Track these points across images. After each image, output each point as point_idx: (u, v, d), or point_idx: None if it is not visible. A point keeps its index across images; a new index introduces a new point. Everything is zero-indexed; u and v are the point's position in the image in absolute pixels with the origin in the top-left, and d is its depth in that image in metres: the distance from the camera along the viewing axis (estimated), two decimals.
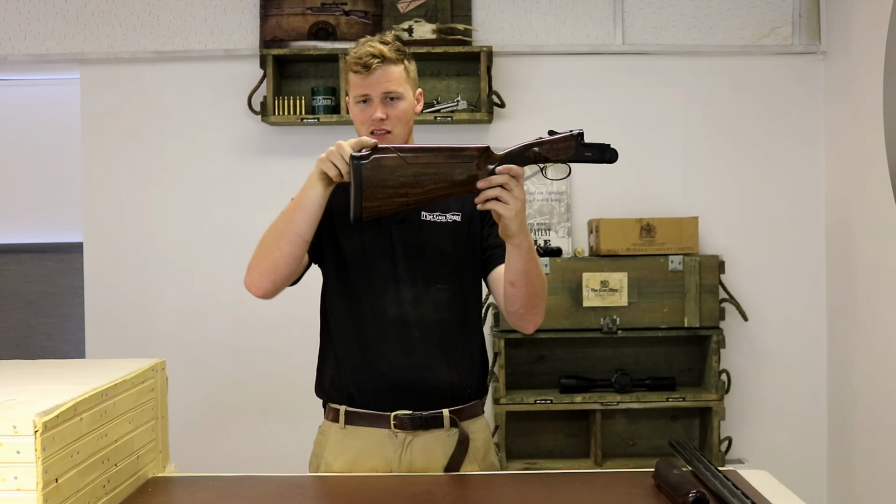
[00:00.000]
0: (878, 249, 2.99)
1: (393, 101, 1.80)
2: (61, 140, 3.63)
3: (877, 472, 3.03)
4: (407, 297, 1.80)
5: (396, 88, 1.80)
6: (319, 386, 1.89)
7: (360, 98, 1.80)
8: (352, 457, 1.80)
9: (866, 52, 3.02)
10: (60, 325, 3.72)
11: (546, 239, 3.38)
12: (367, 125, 1.80)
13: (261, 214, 3.40)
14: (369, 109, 1.80)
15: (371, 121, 1.79)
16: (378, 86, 1.78)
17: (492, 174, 1.58)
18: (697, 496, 1.42)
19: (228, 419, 3.40)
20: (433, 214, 1.82)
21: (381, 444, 1.79)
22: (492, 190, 1.58)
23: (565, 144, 1.61)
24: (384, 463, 1.79)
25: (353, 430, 1.81)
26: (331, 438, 1.84)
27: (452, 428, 1.80)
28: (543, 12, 3.41)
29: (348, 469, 1.80)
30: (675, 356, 3.37)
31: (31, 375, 1.60)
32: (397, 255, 1.81)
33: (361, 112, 1.81)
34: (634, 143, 3.42)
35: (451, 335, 1.82)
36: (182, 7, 3.40)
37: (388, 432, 1.79)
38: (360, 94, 1.80)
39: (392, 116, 1.80)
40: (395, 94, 1.80)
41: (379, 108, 1.78)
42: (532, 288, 1.72)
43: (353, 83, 1.81)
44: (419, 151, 1.59)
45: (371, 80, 1.78)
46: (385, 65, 1.78)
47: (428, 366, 1.79)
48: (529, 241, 1.66)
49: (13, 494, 1.25)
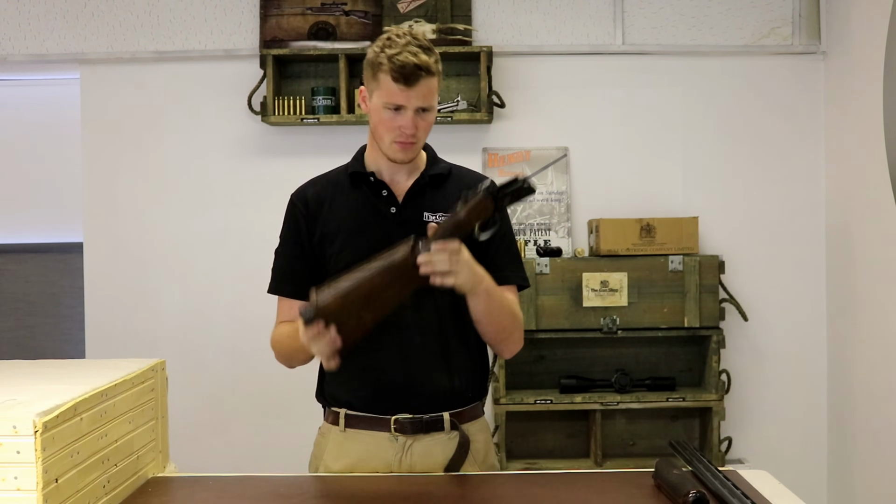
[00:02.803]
0: (878, 249, 2.99)
1: (425, 112, 1.73)
2: (61, 140, 3.63)
3: (877, 472, 3.03)
4: (408, 302, 1.79)
5: (432, 102, 1.73)
6: (319, 391, 1.89)
7: (392, 105, 1.71)
8: (352, 460, 1.80)
9: (866, 52, 3.02)
10: (60, 325, 3.72)
11: (546, 239, 3.38)
12: (394, 133, 1.73)
13: (261, 215, 3.43)
14: (401, 119, 1.71)
15: (401, 132, 1.72)
16: (417, 99, 1.69)
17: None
18: (697, 496, 1.42)
19: (228, 419, 3.40)
20: (435, 215, 1.80)
21: (381, 447, 1.79)
22: (436, 270, 1.56)
23: (482, 204, 1.57)
24: (384, 466, 1.78)
25: (354, 433, 1.81)
26: (331, 441, 1.84)
27: (453, 431, 1.80)
28: (543, 12, 3.41)
29: (349, 471, 1.79)
30: (675, 356, 3.37)
31: (31, 375, 1.60)
32: None
33: (391, 119, 1.71)
34: (634, 143, 3.42)
35: (451, 339, 1.81)
36: (182, 7, 3.40)
37: (389, 436, 1.78)
38: (395, 102, 1.70)
39: (422, 128, 1.73)
40: (429, 106, 1.73)
41: (412, 121, 1.71)
42: (499, 325, 1.75)
43: (386, 89, 1.69)
44: (353, 281, 1.55)
45: (411, 92, 1.68)
46: (427, 77, 1.68)
47: (428, 371, 1.79)
48: (486, 285, 1.67)
49: (13, 494, 1.25)
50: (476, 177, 1.89)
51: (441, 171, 1.84)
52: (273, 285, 1.88)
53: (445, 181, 1.84)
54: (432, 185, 1.82)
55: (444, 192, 1.83)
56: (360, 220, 1.81)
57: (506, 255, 1.84)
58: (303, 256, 1.84)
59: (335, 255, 1.81)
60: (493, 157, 3.41)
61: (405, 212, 1.80)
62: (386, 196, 1.81)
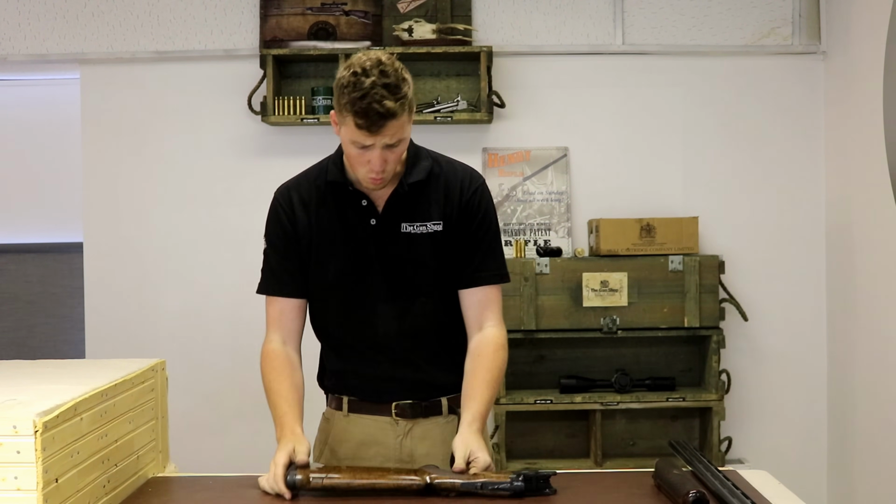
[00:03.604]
0: (878, 249, 2.98)
1: (394, 146, 1.66)
2: (61, 140, 3.63)
3: (877, 472, 3.03)
4: (394, 313, 1.80)
5: (402, 135, 1.66)
6: (321, 379, 1.94)
7: (358, 144, 1.65)
8: (355, 443, 1.86)
9: (866, 52, 3.02)
10: (60, 325, 3.72)
11: (546, 239, 3.38)
12: (364, 168, 1.68)
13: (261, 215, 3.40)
14: (369, 155, 1.65)
15: (370, 168, 1.67)
16: (382, 140, 1.63)
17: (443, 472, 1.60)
18: (697, 496, 1.42)
19: (228, 419, 3.40)
20: (413, 225, 1.78)
21: (382, 431, 1.84)
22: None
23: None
24: (386, 449, 1.84)
25: (356, 417, 1.86)
26: (335, 426, 1.89)
27: (451, 415, 1.85)
28: (543, 12, 3.41)
29: (352, 454, 1.85)
30: (675, 356, 3.37)
31: (31, 375, 1.60)
32: (381, 271, 1.78)
33: (360, 155, 1.66)
34: (634, 143, 3.42)
35: (443, 340, 1.85)
36: (182, 7, 3.40)
37: (390, 420, 1.84)
38: (361, 143, 1.64)
39: (391, 161, 1.68)
40: (397, 142, 1.66)
41: (379, 158, 1.65)
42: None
43: (352, 130, 1.63)
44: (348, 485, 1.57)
45: (377, 136, 1.62)
46: (392, 121, 1.61)
47: (424, 371, 1.84)
48: (483, 419, 1.74)
49: (13, 494, 1.25)
50: (457, 174, 1.83)
51: (420, 177, 1.78)
52: (261, 285, 1.87)
53: (426, 187, 1.80)
54: (412, 193, 1.78)
55: (423, 198, 1.79)
56: (343, 234, 1.79)
57: (487, 254, 1.82)
58: (289, 255, 1.82)
59: (319, 269, 1.81)
60: (493, 157, 3.41)
61: (384, 224, 1.78)
62: (366, 206, 1.78)
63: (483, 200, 1.82)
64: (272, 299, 1.85)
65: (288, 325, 1.84)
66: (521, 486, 1.54)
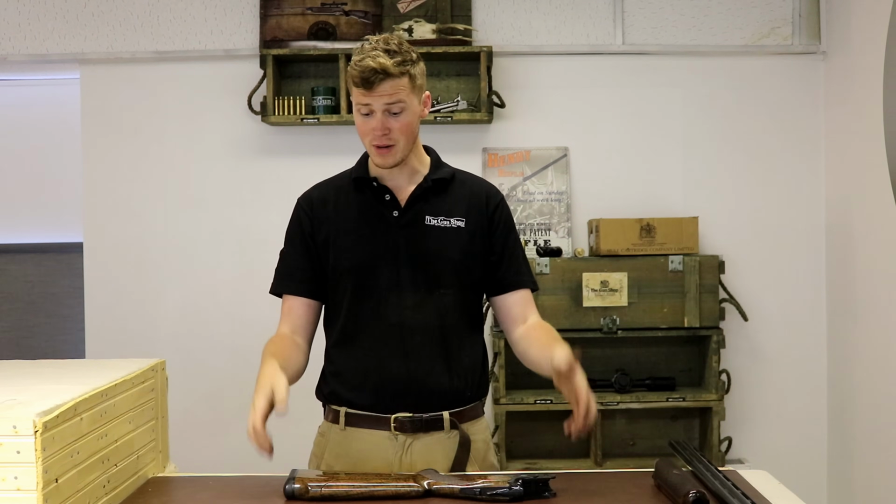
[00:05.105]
0: (878, 249, 2.99)
1: (396, 114, 1.73)
2: (61, 140, 3.63)
3: (877, 472, 3.03)
4: (409, 303, 1.80)
5: (399, 102, 1.72)
6: (319, 389, 1.90)
7: (360, 109, 1.75)
8: (352, 459, 1.81)
9: (866, 52, 3.02)
10: (60, 325, 3.72)
11: (546, 239, 3.38)
12: (369, 136, 1.75)
13: (261, 215, 3.44)
14: (372, 121, 1.74)
15: (374, 134, 1.75)
16: (380, 99, 1.71)
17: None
18: (697, 496, 1.42)
19: (228, 419, 3.39)
20: (437, 219, 1.82)
21: (381, 446, 1.79)
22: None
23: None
24: (385, 465, 1.78)
25: (354, 431, 1.81)
26: (331, 440, 1.84)
27: (452, 430, 1.81)
28: (543, 12, 3.41)
29: (349, 471, 1.79)
30: (675, 356, 3.37)
31: (31, 375, 1.60)
32: (401, 260, 1.80)
33: (364, 123, 1.75)
34: (634, 143, 3.42)
35: (452, 339, 1.83)
36: (182, 7, 3.40)
37: (389, 434, 1.79)
38: (360, 104, 1.74)
39: (395, 129, 1.74)
40: (398, 108, 1.73)
41: (380, 122, 1.73)
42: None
43: (354, 94, 1.74)
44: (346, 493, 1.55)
45: (373, 95, 1.71)
46: (388, 79, 1.70)
47: (428, 370, 1.80)
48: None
49: (13, 494, 1.25)
50: (481, 184, 1.91)
51: (444, 175, 1.86)
52: (274, 285, 1.89)
53: (448, 185, 1.86)
54: (435, 190, 1.84)
55: (446, 196, 1.85)
56: (363, 225, 1.82)
57: (523, 261, 1.92)
58: (307, 255, 1.85)
59: (338, 257, 1.83)
60: (493, 157, 3.41)
61: (407, 216, 1.82)
62: (388, 200, 1.83)
63: (509, 214, 1.92)
64: (284, 298, 1.87)
65: (297, 322, 1.86)
66: (520, 490, 1.54)
